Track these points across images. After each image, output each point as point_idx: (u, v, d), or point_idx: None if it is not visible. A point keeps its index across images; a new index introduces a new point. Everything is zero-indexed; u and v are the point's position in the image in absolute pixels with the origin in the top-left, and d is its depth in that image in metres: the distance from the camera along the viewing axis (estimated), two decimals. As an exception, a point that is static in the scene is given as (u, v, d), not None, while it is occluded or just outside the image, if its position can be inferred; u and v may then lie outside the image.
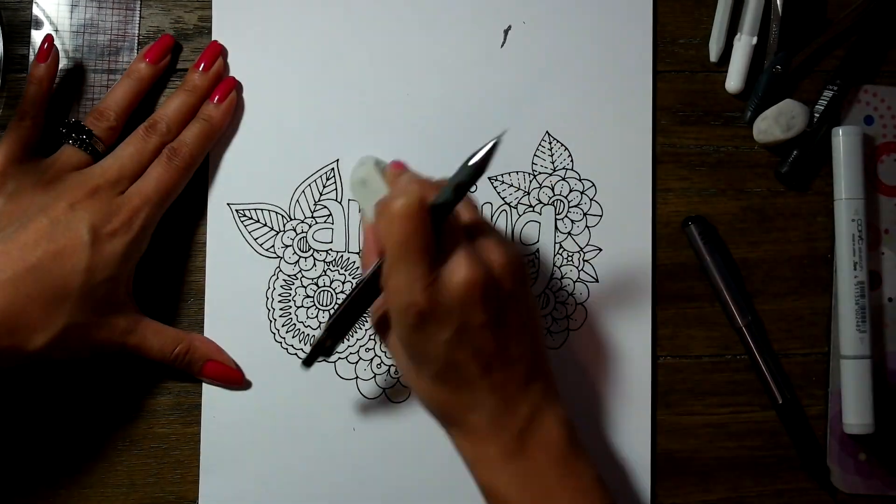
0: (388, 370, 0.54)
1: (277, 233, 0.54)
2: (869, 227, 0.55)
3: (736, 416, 0.56)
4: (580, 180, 0.55)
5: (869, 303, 0.54)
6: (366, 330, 0.54)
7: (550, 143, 0.55)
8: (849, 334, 0.54)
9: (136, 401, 0.53)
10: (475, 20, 0.55)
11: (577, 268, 0.55)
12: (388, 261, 0.43)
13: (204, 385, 0.53)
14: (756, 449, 0.56)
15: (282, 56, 0.54)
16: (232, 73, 0.54)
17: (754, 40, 0.55)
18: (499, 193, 0.55)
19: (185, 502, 0.53)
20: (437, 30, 0.55)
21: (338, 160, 0.54)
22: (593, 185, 0.55)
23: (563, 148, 0.55)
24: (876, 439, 0.55)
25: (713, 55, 0.56)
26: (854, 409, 0.54)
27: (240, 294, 0.54)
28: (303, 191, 0.54)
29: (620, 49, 0.55)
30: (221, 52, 0.54)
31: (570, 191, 0.55)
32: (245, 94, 0.54)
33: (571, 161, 0.55)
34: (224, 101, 0.53)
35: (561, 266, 0.55)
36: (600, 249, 0.55)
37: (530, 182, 0.55)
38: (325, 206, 0.54)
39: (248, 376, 0.53)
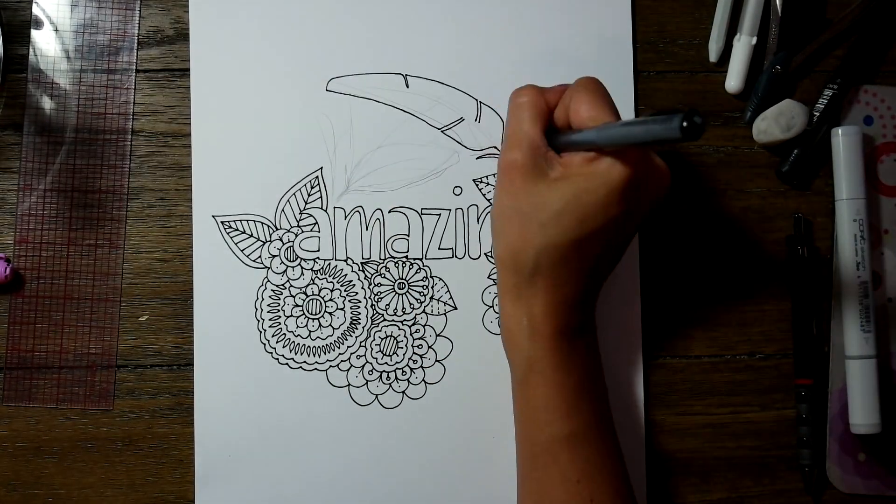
0: (380, 377, 0.54)
1: (264, 243, 0.54)
2: (869, 228, 0.55)
3: (736, 416, 0.56)
4: None
5: (872, 303, 0.54)
6: (356, 337, 0.54)
7: None
8: (853, 334, 0.54)
9: (136, 401, 0.53)
10: (459, 26, 0.55)
11: None
12: None
13: (196, 397, 0.53)
14: (756, 449, 0.55)
15: (262, 64, 0.54)
16: (211, 82, 0.54)
17: (754, 40, 0.55)
18: (484, 195, 0.55)
19: (184, 502, 0.53)
20: (420, 34, 0.55)
21: (321, 168, 0.54)
22: None
23: None
24: (876, 440, 0.55)
25: (713, 55, 0.56)
26: (861, 410, 0.54)
27: (229, 305, 0.53)
28: (287, 200, 0.54)
29: (602, 48, 0.56)
30: None
31: None
32: (226, 103, 0.54)
33: None
34: None
35: None
36: None
37: None
38: (311, 215, 0.54)
39: (240, 387, 0.53)
